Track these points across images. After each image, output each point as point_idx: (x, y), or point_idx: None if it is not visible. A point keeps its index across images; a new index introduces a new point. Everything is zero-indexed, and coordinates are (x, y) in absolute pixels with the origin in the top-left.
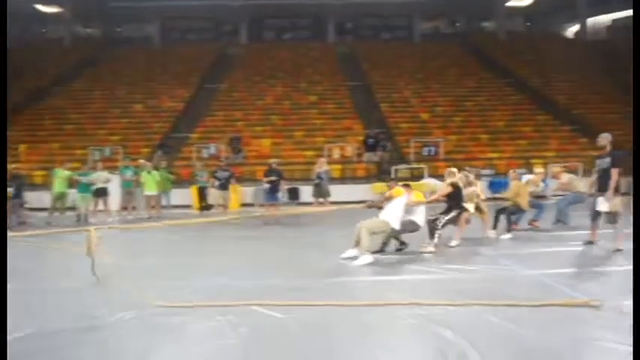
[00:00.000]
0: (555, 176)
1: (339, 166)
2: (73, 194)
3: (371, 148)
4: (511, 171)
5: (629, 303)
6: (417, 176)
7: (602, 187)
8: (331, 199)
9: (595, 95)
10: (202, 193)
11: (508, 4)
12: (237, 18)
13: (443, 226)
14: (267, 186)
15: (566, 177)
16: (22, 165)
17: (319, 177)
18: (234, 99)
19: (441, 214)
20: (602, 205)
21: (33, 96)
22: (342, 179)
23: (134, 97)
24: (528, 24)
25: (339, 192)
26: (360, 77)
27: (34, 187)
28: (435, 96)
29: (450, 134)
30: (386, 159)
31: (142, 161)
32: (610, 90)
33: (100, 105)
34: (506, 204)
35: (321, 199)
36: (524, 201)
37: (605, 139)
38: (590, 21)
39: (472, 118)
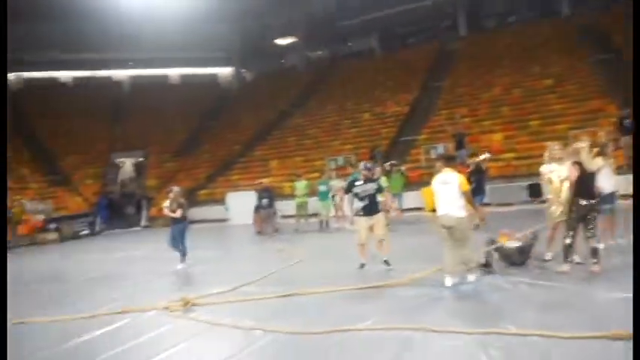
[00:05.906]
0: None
1: None
2: (313, 202)
3: (629, 130)
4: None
5: None
6: None
7: None
8: None
9: None
10: None
11: None
12: (453, 12)
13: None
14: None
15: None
16: (274, 178)
17: None
18: (457, 95)
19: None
20: None
21: (279, 118)
22: None
23: (361, 106)
24: None
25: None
26: (606, 50)
27: (284, 197)
28: None
29: None
30: None
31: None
32: None
33: (333, 119)
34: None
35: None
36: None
37: None
38: None
39: None
